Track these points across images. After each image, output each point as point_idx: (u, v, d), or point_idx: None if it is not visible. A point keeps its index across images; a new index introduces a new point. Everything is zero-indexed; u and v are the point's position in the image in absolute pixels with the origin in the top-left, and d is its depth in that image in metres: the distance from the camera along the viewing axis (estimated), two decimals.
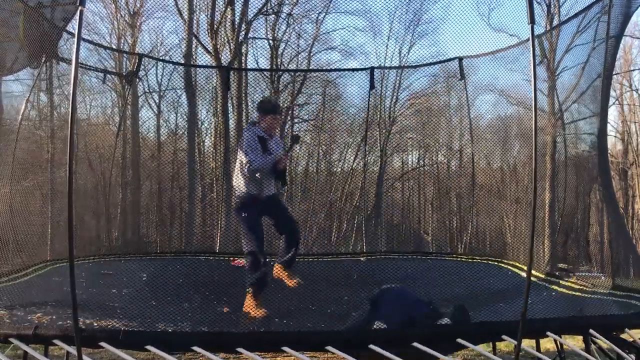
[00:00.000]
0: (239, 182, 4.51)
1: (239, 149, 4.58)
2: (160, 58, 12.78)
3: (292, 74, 14.10)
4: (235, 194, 4.58)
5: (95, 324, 3.25)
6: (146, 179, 11.29)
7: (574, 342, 3.57)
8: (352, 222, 13.89)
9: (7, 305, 3.52)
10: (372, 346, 2.94)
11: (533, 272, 5.45)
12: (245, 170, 4.39)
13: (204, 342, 2.95)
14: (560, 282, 5.13)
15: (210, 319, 3.47)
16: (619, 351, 3.29)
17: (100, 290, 4.44)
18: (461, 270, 5.96)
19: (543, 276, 5.45)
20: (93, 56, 9.12)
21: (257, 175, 4.41)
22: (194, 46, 13.35)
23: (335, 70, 13.59)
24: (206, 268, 5.90)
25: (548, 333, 3.29)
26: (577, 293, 4.70)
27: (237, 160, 4.57)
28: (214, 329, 3.19)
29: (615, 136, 24.24)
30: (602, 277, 5.45)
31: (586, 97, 5.42)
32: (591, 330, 3.26)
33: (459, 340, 3.10)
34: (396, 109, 13.06)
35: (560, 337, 3.44)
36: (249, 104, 12.99)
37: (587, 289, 4.69)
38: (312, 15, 14.95)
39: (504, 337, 3.09)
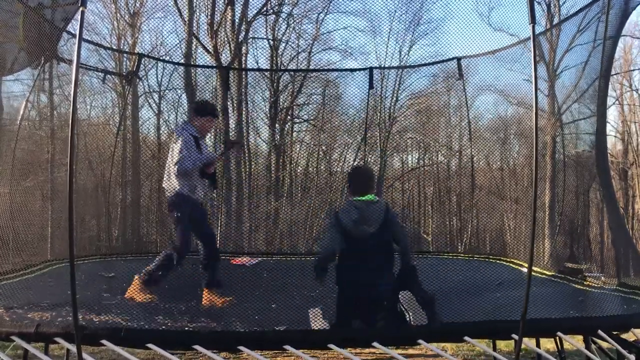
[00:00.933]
0: (172, 182, 4.39)
1: (173, 147, 4.44)
2: (160, 58, 12.78)
3: (292, 74, 14.10)
4: (169, 194, 4.43)
5: (97, 321, 3.25)
6: (146, 179, 11.28)
7: (571, 345, 3.57)
8: None
9: (8, 304, 3.52)
10: (375, 344, 2.95)
11: (536, 269, 5.48)
12: (177, 169, 4.31)
13: (206, 341, 2.96)
14: (563, 280, 5.14)
15: (212, 318, 3.47)
16: (622, 350, 3.29)
17: (100, 289, 4.44)
18: (461, 267, 5.98)
19: (546, 274, 5.47)
20: (93, 56, 9.14)
21: (190, 174, 4.34)
22: (194, 46, 13.37)
23: (333, 70, 13.61)
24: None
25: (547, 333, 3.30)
26: (581, 289, 4.71)
27: (170, 159, 4.45)
28: (215, 328, 3.19)
29: (615, 136, 24.27)
30: (602, 277, 5.44)
31: (586, 96, 5.43)
32: (599, 331, 3.26)
33: (466, 338, 3.12)
34: (396, 108, 13.08)
35: (559, 338, 3.45)
36: (249, 104, 13.00)
37: (590, 288, 4.70)
38: (312, 15, 14.97)
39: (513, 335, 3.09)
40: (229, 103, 11.55)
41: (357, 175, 3.91)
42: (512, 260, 6.46)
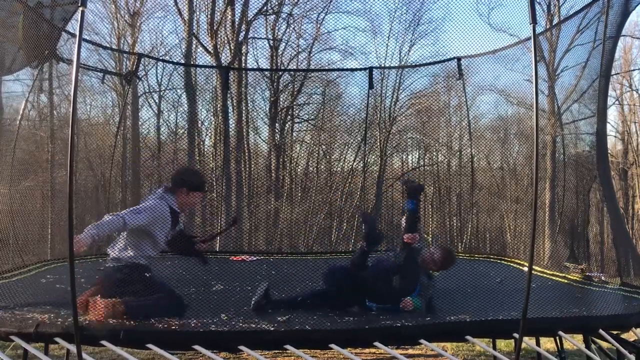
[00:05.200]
0: (127, 253, 3.47)
1: (149, 223, 3.48)
2: (160, 58, 12.78)
3: (292, 73, 14.10)
4: (121, 265, 3.47)
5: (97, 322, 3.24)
6: (146, 178, 11.28)
7: (571, 344, 3.57)
8: (352, 222, 13.91)
9: (8, 304, 3.51)
10: (377, 344, 2.95)
11: (537, 268, 5.47)
12: (151, 250, 3.49)
13: (206, 341, 2.95)
14: (564, 280, 5.14)
15: (212, 318, 3.46)
16: (622, 350, 3.29)
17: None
18: (461, 266, 5.98)
19: (546, 274, 5.47)
20: (93, 56, 9.14)
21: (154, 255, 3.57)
22: (194, 46, 13.37)
23: (334, 70, 13.59)
24: (206, 266, 5.89)
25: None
26: (581, 288, 4.71)
27: (132, 229, 3.46)
28: (216, 328, 3.18)
29: (615, 136, 24.24)
30: (602, 277, 5.44)
31: (586, 96, 5.43)
32: (600, 331, 3.26)
33: (468, 337, 3.12)
34: (396, 108, 13.09)
35: (559, 337, 3.45)
36: (249, 103, 13.03)
37: (590, 287, 4.70)
38: (312, 15, 14.94)
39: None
40: (229, 103, 11.57)
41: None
42: (512, 259, 6.46)
